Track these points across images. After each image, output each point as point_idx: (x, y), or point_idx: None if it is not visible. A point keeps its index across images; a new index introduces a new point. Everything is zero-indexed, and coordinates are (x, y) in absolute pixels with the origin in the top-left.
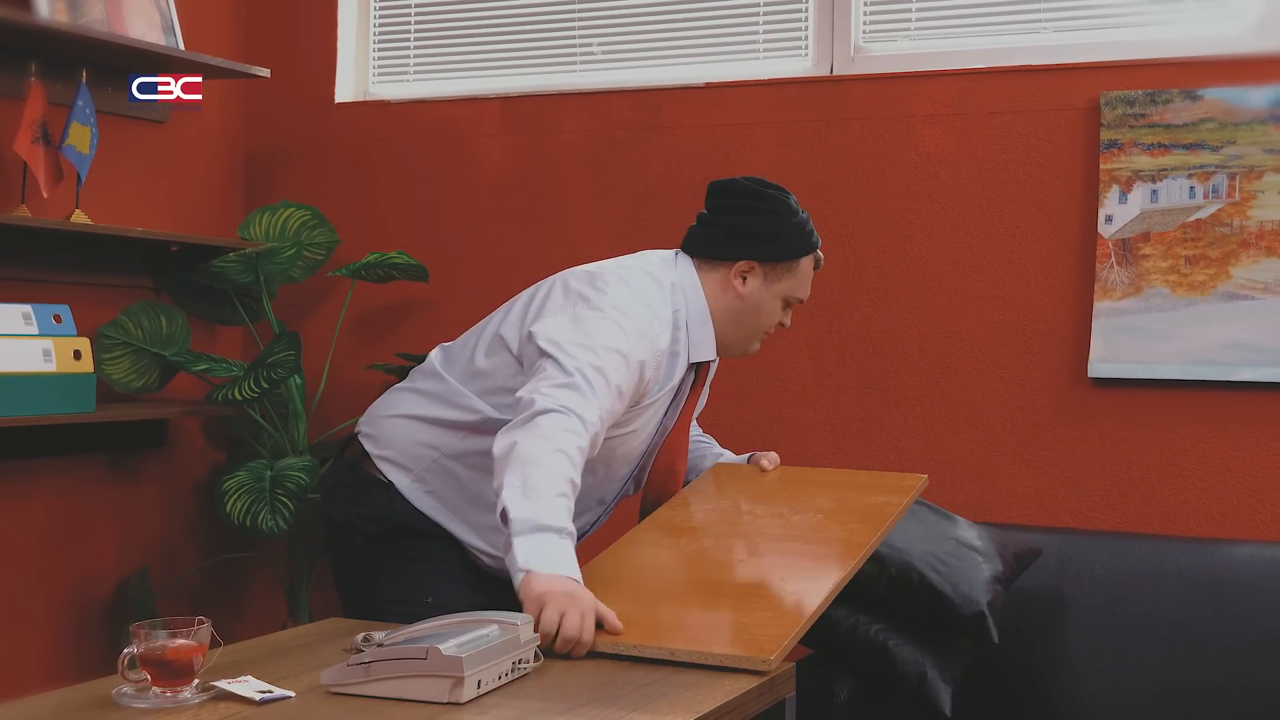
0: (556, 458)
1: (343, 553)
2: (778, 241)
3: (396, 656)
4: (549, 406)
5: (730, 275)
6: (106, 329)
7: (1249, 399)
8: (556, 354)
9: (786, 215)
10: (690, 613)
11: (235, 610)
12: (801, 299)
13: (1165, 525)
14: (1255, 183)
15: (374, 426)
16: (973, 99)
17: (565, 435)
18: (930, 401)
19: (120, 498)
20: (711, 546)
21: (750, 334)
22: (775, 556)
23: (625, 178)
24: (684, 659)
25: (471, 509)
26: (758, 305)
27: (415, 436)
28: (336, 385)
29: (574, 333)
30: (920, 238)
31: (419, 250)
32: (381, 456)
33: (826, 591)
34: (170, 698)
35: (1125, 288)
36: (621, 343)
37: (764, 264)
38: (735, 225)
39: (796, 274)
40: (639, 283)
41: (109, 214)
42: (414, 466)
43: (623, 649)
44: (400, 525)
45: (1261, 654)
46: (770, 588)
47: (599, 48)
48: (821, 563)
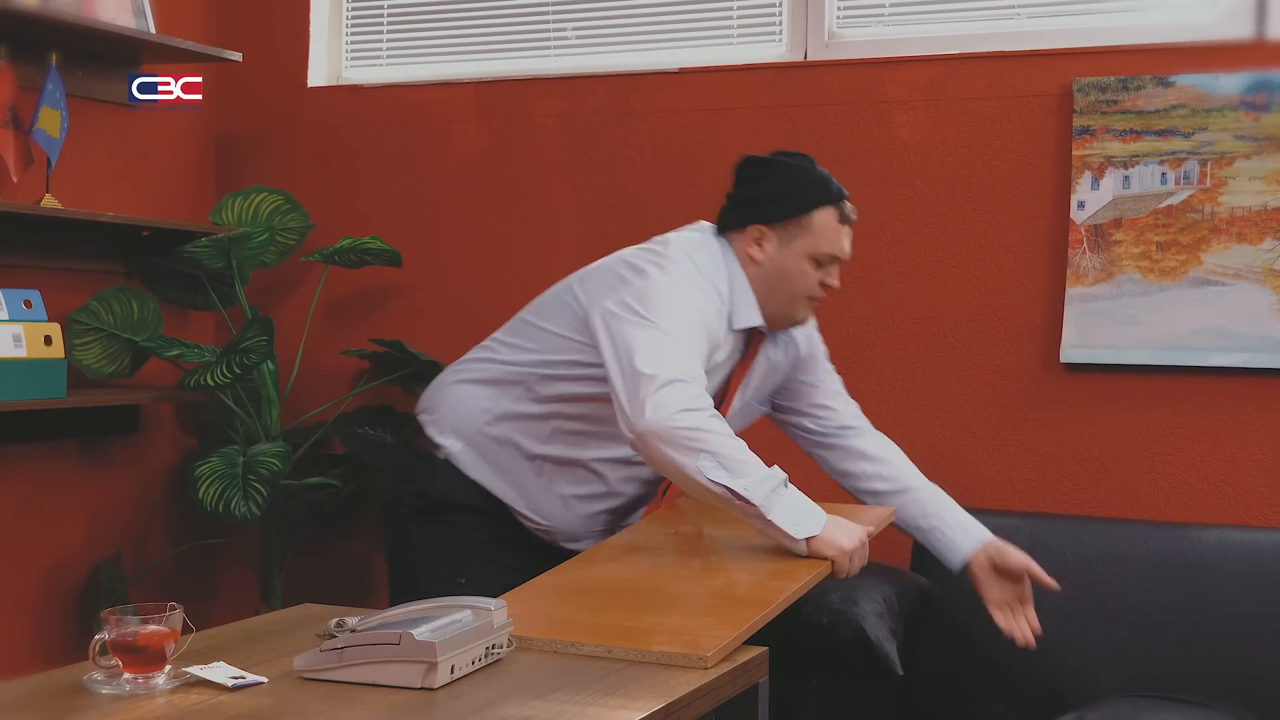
0: (715, 422)
1: (391, 528)
2: (779, 200)
3: (370, 642)
4: (669, 378)
5: (746, 244)
6: (78, 314)
7: (1219, 384)
8: (641, 322)
9: (789, 174)
10: (637, 616)
11: (208, 596)
12: (835, 255)
13: (1136, 509)
14: (1226, 169)
15: (429, 399)
16: (946, 85)
17: (699, 401)
18: (903, 387)
19: (92, 484)
20: (669, 563)
21: (788, 300)
22: (731, 574)
23: (599, 163)
24: (622, 656)
25: (524, 473)
26: (782, 269)
27: (471, 402)
28: (310, 371)
29: (649, 299)
30: (893, 223)
31: (393, 235)
32: (435, 424)
33: (778, 600)
34: (142, 684)
35: (1097, 273)
36: (695, 302)
37: (772, 225)
38: (744, 195)
39: (813, 230)
40: (695, 253)
41: (79, 198)
42: (467, 430)
43: (560, 647)
44: (443, 500)
45: (1230, 637)
46: (720, 597)
47: (573, 33)
48: (777, 580)
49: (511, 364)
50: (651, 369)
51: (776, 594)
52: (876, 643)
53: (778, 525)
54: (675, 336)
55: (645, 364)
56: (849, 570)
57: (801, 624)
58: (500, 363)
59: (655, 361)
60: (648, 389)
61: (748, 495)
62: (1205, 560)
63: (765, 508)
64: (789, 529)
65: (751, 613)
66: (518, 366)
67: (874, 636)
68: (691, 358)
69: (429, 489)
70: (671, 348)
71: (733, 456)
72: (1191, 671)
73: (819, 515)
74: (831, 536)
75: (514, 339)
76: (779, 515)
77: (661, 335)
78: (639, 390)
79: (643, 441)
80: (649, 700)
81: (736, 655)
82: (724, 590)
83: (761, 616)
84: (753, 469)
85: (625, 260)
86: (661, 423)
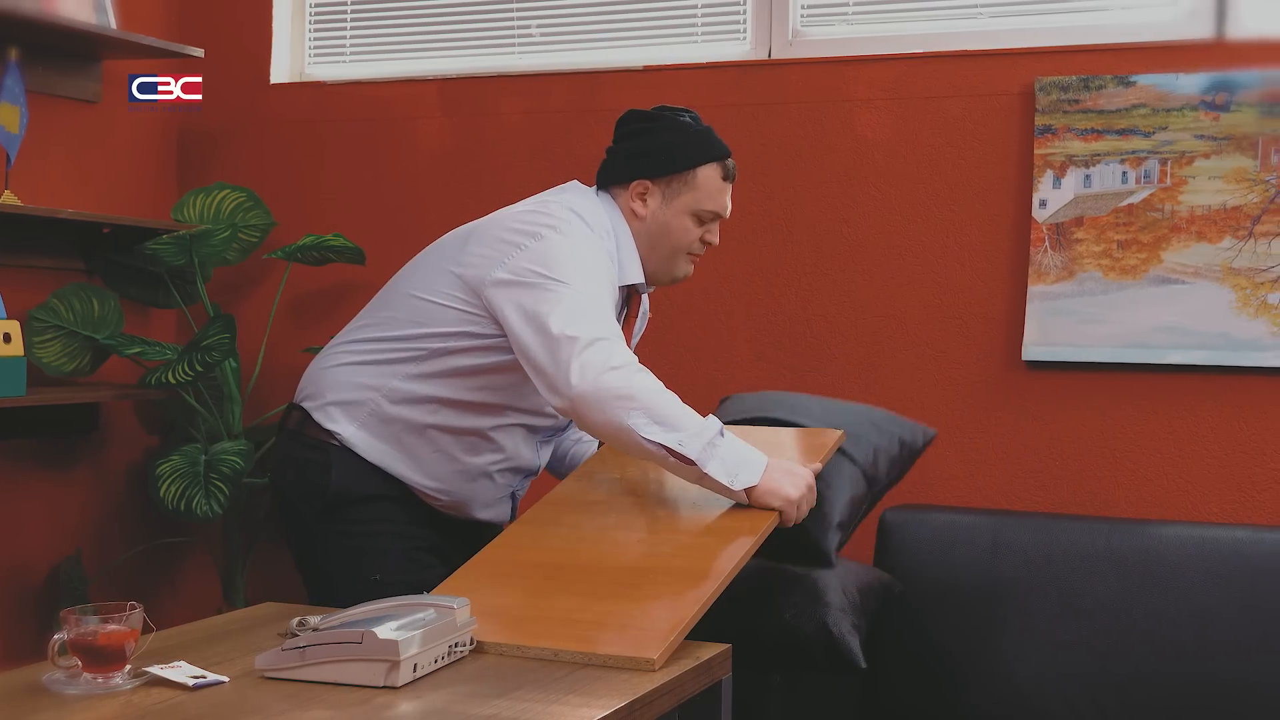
0: (642, 377)
1: (293, 532)
2: (664, 155)
3: (332, 641)
4: (590, 337)
5: (630, 198)
6: (37, 312)
7: (1179, 381)
8: (550, 284)
9: (674, 129)
10: (584, 605)
11: (169, 595)
12: (715, 212)
13: (1097, 506)
14: (1186, 168)
15: (312, 385)
16: (909, 84)
17: (622, 356)
18: (866, 384)
19: (52, 482)
20: (613, 523)
21: (669, 256)
22: (678, 535)
23: (563, 160)
24: (569, 659)
25: (420, 448)
26: (664, 225)
27: (357, 381)
28: (272, 369)
29: (551, 261)
30: (857, 221)
31: (355, 233)
32: (322, 410)
33: (726, 569)
34: (102, 683)
35: (1059, 271)
36: (597, 259)
37: (655, 180)
38: (627, 150)
39: (696, 186)
40: (582, 211)
41: (39, 195)
42: (359, 413)
43: (505, 650)
44: (338, 495)
45: (1190, 632)
46: (668, 570)
47: (537, 30)
48: (725, 540)
49: (395, 339)
50: (572, 331)
51: (723, 562)
52: (839, 637)
53: (714, 478)
54: (587, 295)
55: (563, 327)
56: (796, 518)
57: (764, 618)
58: (382, 339)
59: (573, 323)
60: (569, 352)
61: (683, 450)
62: (1164, 556)
63: (701, 461)
64: (725, 481)
65: (696, 593)
66: (403, 342)
67: (837, 631)
68: (607, 313)
69: (326, 486)
70: (586, 306)
71: (665, 412)
72: (1153, 665)
73: (758, 462)
74: (775, 484)
75: (393, 313)
76: (715, 468)
77: (573, 295)
78: (560, 355)
79: (573, 407)
80: (611, 698)
81: (699, 652)
82: (670, 560)
83: (709, 596)
84: (687, 422)
85: (511, 227)
86: (590, 386)
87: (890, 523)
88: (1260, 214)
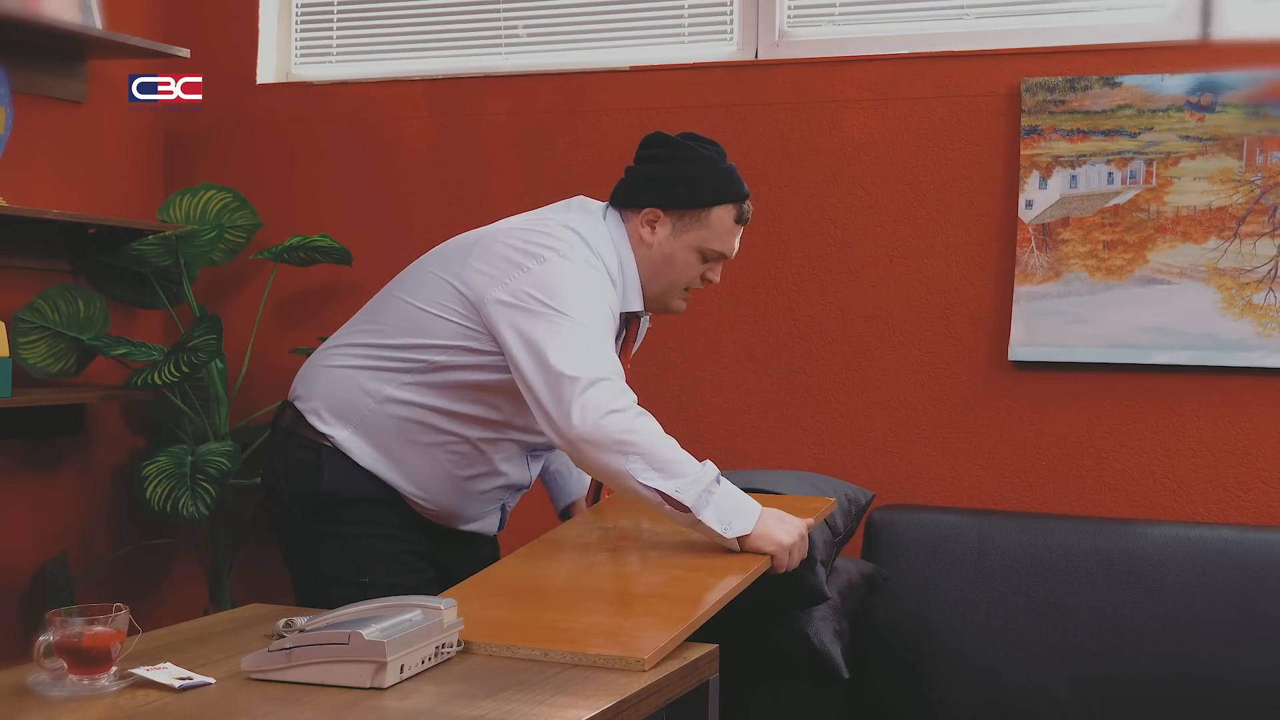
0: (643, 421)
1: (285, 534)
2: (683, 188)
3: (318, 642)
4: (591, 378)
5: (639, 223)
6: (23, 312)
7: (1164, 381)
8: (551, 315)
9: (697, 163)
10: (574, 617)
11: (156, 597)
12: (722, 253)
13: (1083, 506)
14: (1172, 169)
15: (306, 385)
16: (896, 84)
17: (624, 399)
18: (853, 385)
19: (38, 484)
20: (606, 560)
21: (668, 287)
22: (669, 571)
23: (550, 161)
24: (558, 659)
25: (412, 457)
26: (668, 256)
27: (354, 384)
28: (259, 370)
29: (552, 289)
30: (844, 222)
31: (342, 233)
32: (315, 412)
33: (714, 599)
34: (88, 685)
35: (1045, 272)
36: (598, 289)
37: (669, 212)
38: (645, 173)
39: (708, 225)
40: (586, 234)
41: (25, 195)
42: (352, 417)
43: (495, 650)
44: (330, 496)
45: (1176, 631)
46: (659, 596)
47: (524, 30)
48: (715, 576)
49: (392, 347)
50: (572, 370)
51: (714, 593)
52: (821, 647)
53: (707, 525)
54: (588, 329)
55: (564, 364)
56: (788, 564)
57: (746, 627)
58: (379, 346)
59: (574, 361)
60: (571, 392)
61: (679, 497)
62: (1150, 555)
63: (696, 508)
64: (719, 529)
65: (688, 612)
66: (400, 351)
67: (818, 641)
68: (607, 350)
69: (318, 487)
70: (587, 343)
71: (663, 457)
72: (1138, 664)
73: (752, 511)
74: (768, 531)
75: (391, 320)
76: (709, 515)
77: (574, 329)
78: (562, 394)
79: (572, 447)
80: (599, 699)
81: (686, 653)
82: (661, 589)
83: (698, 617)
84: (684, 469)
85: (515, 246)
86: (590, 428)
87: (877, 523)
88: (1245, 214)
